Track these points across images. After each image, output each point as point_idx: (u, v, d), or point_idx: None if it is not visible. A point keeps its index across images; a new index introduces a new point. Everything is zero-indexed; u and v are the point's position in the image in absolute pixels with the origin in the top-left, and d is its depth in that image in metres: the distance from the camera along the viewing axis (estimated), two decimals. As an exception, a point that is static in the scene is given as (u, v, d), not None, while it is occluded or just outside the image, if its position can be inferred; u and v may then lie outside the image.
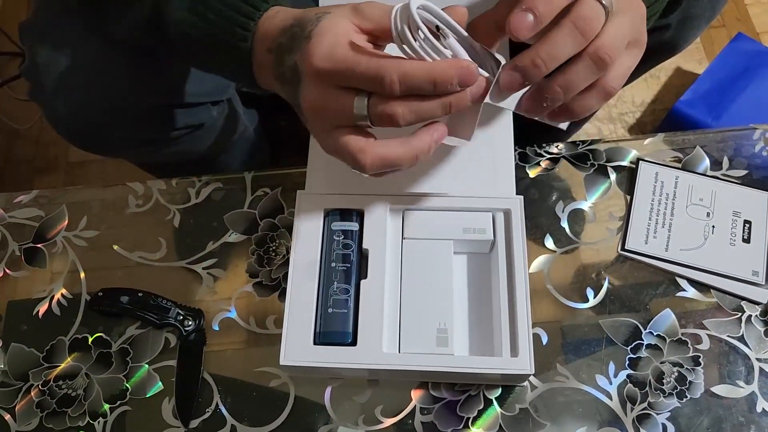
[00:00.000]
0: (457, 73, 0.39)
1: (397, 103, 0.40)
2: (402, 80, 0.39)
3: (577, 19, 0.41)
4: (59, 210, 0.65)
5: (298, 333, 0.53)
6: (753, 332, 0.57)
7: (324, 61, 0.40)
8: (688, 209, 0.62)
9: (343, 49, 0.40)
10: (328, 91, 0.42)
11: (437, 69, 0.39)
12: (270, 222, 0.63)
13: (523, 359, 0.51)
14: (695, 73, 1.25)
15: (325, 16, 0.42)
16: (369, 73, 0.39)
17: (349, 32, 0.42)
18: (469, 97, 0.41)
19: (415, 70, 0.39)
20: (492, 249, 0.58)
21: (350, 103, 0.41)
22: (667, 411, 0.54)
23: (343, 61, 0.40)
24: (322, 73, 0.41)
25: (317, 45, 0.41)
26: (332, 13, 0.43)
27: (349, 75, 0.40)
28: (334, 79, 0.41)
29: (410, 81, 0.39)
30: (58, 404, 0.56)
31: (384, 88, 0.39)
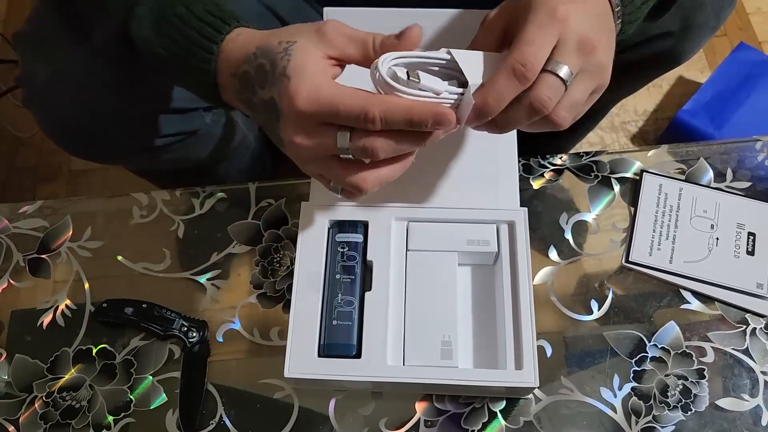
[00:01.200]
0: (432, 118, 0.42)
1: (377, 138, 0.43)
2: (383, 118, 0.42)
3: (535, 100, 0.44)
4: (63, 220, 0.65)
5: (303, 345, 0.53)
6: (758, 345, 0.57)
7: (308, 104, 0.42)
8: (692, 221, 0.62)
9: (326, 91, 0.42)
10: (312, 128, 0.44)
11: (415, 110, 0.42)
12: (274, 233, 0.63)
13: (527, 372, 0.51)
14: (697, 83, 1.25)
15: (292, 48, 0.43)
16: (353, 112, 0.42)
17: (324, 67, 0.44)
18: (442, 134, 0.44)
19: (396, 108, 0.42)
20: (496, 261, 0.58)
21: (333, 137, 0.43)
22: (672, 424, 0.54)
23: (328, 103, 0.42)
24: (306, 114, 0.43)
25: (299, 87, 0.42)
26: (298, 43, 0.44)
27: (333, 114, 0.42)
28: (318, 118, 0.43)
29: (390, 118, 0.42)
30: (62, 416, 0.56)
31: (366, 124, 0.42)
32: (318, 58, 0.43)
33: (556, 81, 0.44)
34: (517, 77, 0.43)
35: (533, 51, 0.43)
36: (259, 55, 0.44)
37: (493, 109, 0.44)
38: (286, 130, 0.44)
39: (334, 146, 0.43)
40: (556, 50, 0.44)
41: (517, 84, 0.43)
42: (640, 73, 0.79)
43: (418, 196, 0.59)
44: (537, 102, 0.44)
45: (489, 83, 0.44)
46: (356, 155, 0.44)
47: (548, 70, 0.44)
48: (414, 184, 0.59)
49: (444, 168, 0.60)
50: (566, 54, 0.44)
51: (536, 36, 0.43)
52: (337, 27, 0.44)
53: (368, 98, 0.42)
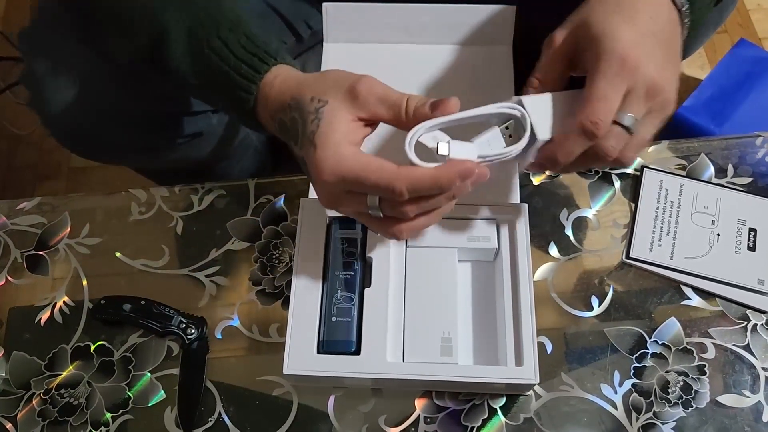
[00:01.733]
0: (458, 175, 0.41)
1: (407, 205, 0.43)
2: (410, 190, 0.41)
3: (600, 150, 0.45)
4: (62, 217, 0.65)
5: (302, 342, 0.52)
6: (759, 341, 0.57)
7: (332, 177, 0.42)
8: (693, 217, 0.62)
9: (350, 164, 0.42)
10: (339, 194, 0.44)
11: (442, 177, 0.41)
12: (273, 229, 0.63)
13: (527, 368, 0.51)
14: (698, 79, 1.25)
15: (323, 110, 0.43)
16: (379, 185, 0.41)
17: (351, 133, 0.43)
18: (470, 187, 0.43)
19: (422, 180, 0.41)
20: (496, 257, 0.58)
21: (362, 201, 0.44)
22: (673, 420, 0.54)
23: (353, 177, 0.42)
24: (331, 184, 0.43)
25: (323, 160, 0.42)
26: (329, 105, 0.43)
27: (358, 185, 0.42)
28: (345, 187, 0.43)
29: (418, 188, 0.41)
30: (60, 413, 0.56)
31: (394, 197, 0.42)
32: (346, 122, 0.43)
33: (622, 131, 0.45)
34: (588, 135, 0.44)
35: (604, 108, 0.43)
36: (293, 108, 0.44)
37: (561, 164, 0.45)
38: (315, 189, 0.46)
39: (365, 207, 0.44)
40: (624, 100, 0.44)
41: (587, 141, 0.44)
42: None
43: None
44: (602, 152, 0.45)
45: (560, 141, 0.45)
46: (387, 214, 0.44)
47: (615, 121, 0.44)
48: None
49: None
50: (634, 104, 0.44)
51: (607, 91, 0.43)
52: (371, 87, 0.43)
53: (393, 173, 0.41)
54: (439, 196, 0.43)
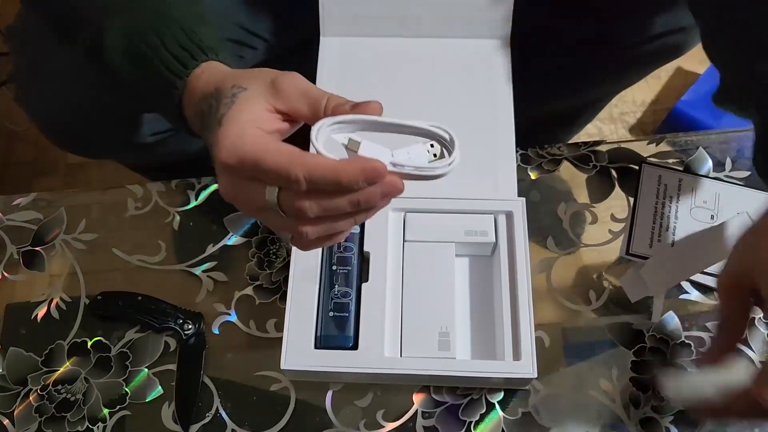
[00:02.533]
0: (362, 174, 0.37)
1: (306, 199, 0.39)
2: (308, 178, 0.38)
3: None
4: (58, 213, 0.65)
5: (299, 337, 0.52)
6: (757, 335, 0.57)
7: (229, 156, 0.39)
8: (693, 212, 0.62)
9: (249, 145, 0.39)
10: (238, 182, 0.41)
11: (343, 170, 0.38)
12: (270, 225, 0.63)
13: (525, 363, 0.51)
14: (696, 73, 1.25)
15: (241, 94, 0.41)
16: (275, 170, 0.38)
17: (261, 119, 0.41)
18: (379, 195, 0.39)
19: (321, 168, 0.38)
20: (494, 252, 0.57)
21: (261, 193, 0.40)
22: (671, 414, 0.54)
23: (250, 158, 0.39)
24: (228, 166, 0.40)
25: (223, 137, 0.40)
26: (248, 90, 0.41)
27: (256, 170, 0.39)
28: (241, 172, 0.40)
29: (316, 179, 0.38)
30: (57, 409, 0.56)
31: (290, 184, 0.38)
32: (259, 108, 0.41)
33: None
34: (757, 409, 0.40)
35: None
36: (214, 95, 0.42)
37: None
38: (218, 180, 0.42)
39: (265, 202, 0.40)
40: None
41: None
42: (645, 66, 0.79)
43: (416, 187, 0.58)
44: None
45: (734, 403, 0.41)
46: (287, 213, 0.40)
47: None
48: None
49: (441, 158, 0.59)
50: None
51: None
52: (294, 81, 0.41)
53: (292, 157, 0.38)
54: (341, 198, 0.39)
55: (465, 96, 0.61)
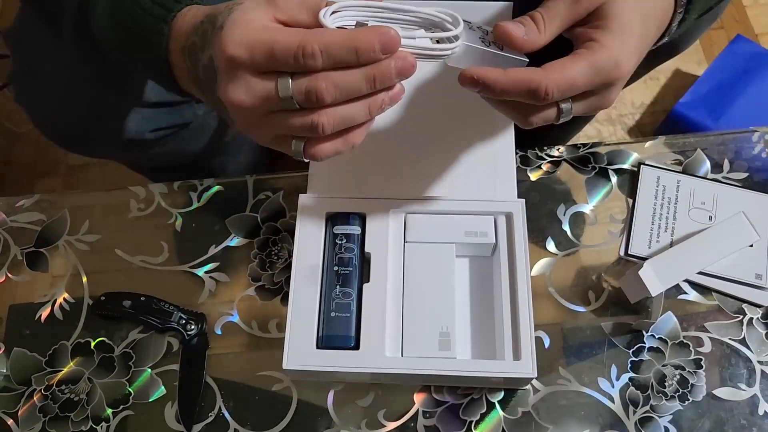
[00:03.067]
0: (378, 39, 0.37)
1: (321, 77, 0.38)
2: (324, 50, 0.37)
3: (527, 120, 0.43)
4: (61, 214, 0.65)
5: (301, 337, 0.53)
6: (755, 335, 0.57)
7: (238, 48, 0.38)
8: (691, 213, 0.62)
9: (258, 33, 0.38)
10: (248, 79, 0.39)
11: (359, 36, 0.37)
12: (272, 225, 0.63)
13: (525, 362, 0.52)
14: (694, 75, 1.25)
15: (238, 7, 0.40)
16: (289, 48, 0.37)
17: (263, 19, 0.40)
18: (393, 70, 0.39)
19: (337, 38, 0.37)
20: (494, 252, 0.58)
21: (272, 87, 0.39)
22: (670, 414, 0.54)
23: (261, 44, 0.38)
24: (237, 61, 0.38)
25: (229, 34, 0.38)
26: (245, 4, 0.40)
27: (268, 56, 0.38)
28: (252, 65, 0.39)
29: (332, 50, 0.37)
30: (61, 409, 0.56)
31: (306, 60, 0.37)
32: (261, 15, 0.40)
33: (553, 114, 0.43)
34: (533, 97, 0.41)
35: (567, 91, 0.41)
36: (206, 22, 0.41)
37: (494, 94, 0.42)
38: (223, 88, 0.40)
39: (277, 97, 0.39)
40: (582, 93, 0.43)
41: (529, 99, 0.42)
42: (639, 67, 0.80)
43: (416, 188, 0.59)
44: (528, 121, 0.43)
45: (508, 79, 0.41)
46: (302, 103, 0.39)
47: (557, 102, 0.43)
48: (412, 176, 0.59)
49: (441, 160, 0.60)
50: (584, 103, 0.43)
51: (582, 81, 0.41)
52: None
53: (306, 32, 0.37)
54: (357, 74, 0.38)
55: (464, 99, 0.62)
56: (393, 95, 0.41)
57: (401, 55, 0.39)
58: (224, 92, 0.40)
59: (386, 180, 0.59)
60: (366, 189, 0.58)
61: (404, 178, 0.59)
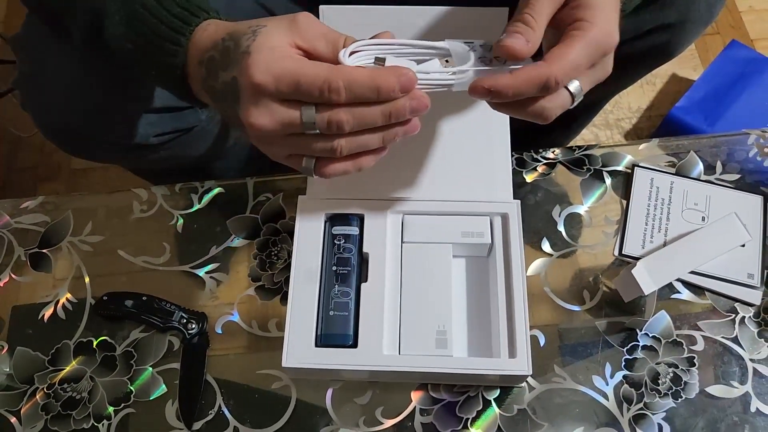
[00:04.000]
0: (398, 81, 0.41)
1: (343, 110, 0.41)
2: (347, 87, 0.40)
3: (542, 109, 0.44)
4: (65, 216, 0.66)
5: (300, 335, 0.54)
6: (746, 333, 0.58)
7: (264, 76, 0.40)
8: (684, 214, 0.63)
9: (287, 64, 0.41)
10: (271, 105, 0.42)
11: (381, 75, 0.41)
12: (272, 227, 0.64)
13: (520, 360, 0.52)
14: (690, 80, 1.26)
15: (261, 30, 0.42)
16: (315, 82, 0.40)
17: (285, 46, 0.42)
18: (408, 108, 0.42)
19: (359, 77, 0.40)
20: (490, 252, 0.59)
21: (296, 114, 0.42)
22: (663, 411, 0.55)
23: (288, 75, 0.40)
24: (263, 88, 0.41)
25: (256, 60, 0.41)
26: (268, 27, 0.43)
27: (294, 87, 0.41)
28: (276, 93, 0.41)
29: (355, 88, 0.40)
30: (63, 407, 0.57)
31: (331, 95, 0.40)
32: (285, 40, 0.42)
33: (567, 98, 0.45)
34: (544, 89, 0.42)
35: (572, 73, 0.43)
36: (227, 39, 0.43)
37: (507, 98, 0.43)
38: (245, 110, 0.42)
39: (299, 123, 0.42)
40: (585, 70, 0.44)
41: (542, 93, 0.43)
42: (634, 68, 0.81)
43: (413, 190, 0.60)
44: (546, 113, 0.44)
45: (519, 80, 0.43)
46: (323, 130, 0.42)
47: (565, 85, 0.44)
48: (409, 177, 0.60)
49: (438, 162, 0.61)
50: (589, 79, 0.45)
51: (583, 60, 0.43)
52: (310, 21, 0.44)
53: (331, 68, 0.41)
54: (375, 109, 0.42)
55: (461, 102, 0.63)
56: (407, 129, 0.45)
57: (417, 95, 0.42)
58: (247, 115, 0.42)
59: (384, 182, 0.60)
60: (364, 191, 0.59)
61: (402, 180, 0.60)
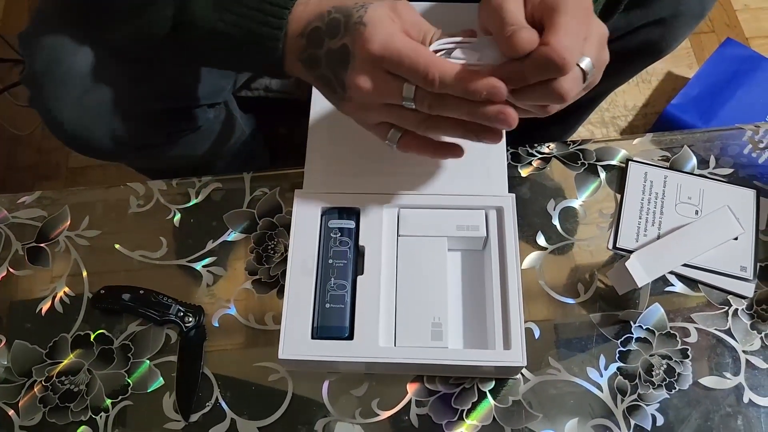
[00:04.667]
0: (487, 91, 0.44)
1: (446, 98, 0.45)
2: (441, 80, 0.44)
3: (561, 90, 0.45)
4: (62, 210, 0.67)
5: (297, 328, 0.54)
6: (739, 325, 0.59)
7: (381, 49, 0.45)
8: (677, 207, 0.64)
9: (398, 41, 0.45)
10: (380, 74, 0.46)
11: (472, 81, 0.44)
12: (268, 221, 0.65)
13: (515, 351, 0.53)
14: (685, 78, 1.27)
15: (369, 6, 0.46)
16: (415, 67, 0.44)
17: (396, 26, 0.46)
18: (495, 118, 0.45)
19: (454, 75, 0.44)
20: (485, 246, 0.59)
21: (399, 86, 0.46)
22: (657, 402, 0.56)
23: (397, 51, 0.45)
24: (377, 58, 0.45)
25: (374, 32, 0.45)
26: (375, 5, 0.47)
27: (397, 64, 0.45)
28: (387, 65, 0.45)
29: (447, 82, 0.44)
30: (61, 399, 0.58)
31: (426, 82, 0.44)
32: (391, 18, 0.46)
33: (580, 74, 0.45)
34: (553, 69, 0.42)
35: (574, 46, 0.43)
36: (334, 12, 0.47)
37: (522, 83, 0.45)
38: (355, 74, 0.47)
39: (398, 95, 0.46)
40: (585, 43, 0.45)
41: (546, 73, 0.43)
42: (628, 65, 0.81)
43: (409, 183, 0.60)
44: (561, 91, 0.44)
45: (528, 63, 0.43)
46: (419, 107, 0.47)
47: None
48: (404, 171, 0.61)
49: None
50: (592, 48, 0.45)
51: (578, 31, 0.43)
52: (408, 7, 0.48)
53: (432, 58, 0.44)
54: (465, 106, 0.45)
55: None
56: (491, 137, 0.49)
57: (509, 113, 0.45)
58: (356, 78, 0.47)
59: (380, 175, 0.60)
60: (360, 184, 0.60)
61: (397, 174, 0.60)
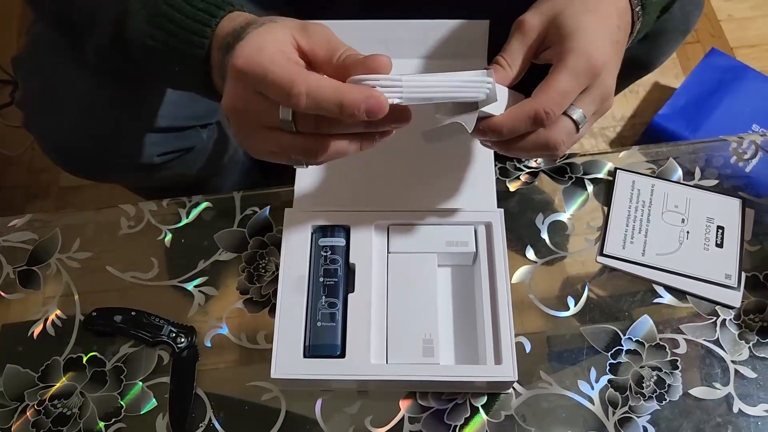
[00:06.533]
0: (365, 104, 0.39)
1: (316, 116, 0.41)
2: (309, 95, 0.39)
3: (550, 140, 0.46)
4: (53, 233, 0.67)
5: (289, 347, 0.54)
6: (727, 335, 0.59)
7: (244, 63, 0.40)
8: (664, 216, 0.65)
9: (265, 55, 0.40)
10: (247, 93, 0.42)
11: (346, 93, 0.39)
12: (259, 240, 0.65)
13: (506, 366, 0.53)
14: (672, 88, 1.29)
15: (269, 23, 0.43)
16: (279, 83, 0.39)
17: (283, 42, 0.42)
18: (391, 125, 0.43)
19: (324, 88, 0.39)
20: (475, 261, 0.60)
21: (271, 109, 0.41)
22: (648, 414, 0.56)
23: (259, 66, 0.40)
24: (240, 74, 0.41)
25: (244, 46, 0.41)
26: (278, 22, 0.43)
27: (261, 80, 0.40)
28: (252, 81, 0.41)
29: (319, 98, 0.39)
30: (54, 423, 0.57)
31: (290, 99, 0.39)
32: (284, 35, 0.42)
33: (571, 125, 0.46)
34: (537, 122, 0.44)
35: (561, 101, 0.45)
36: (243, 27, 0.44)
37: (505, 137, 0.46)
38: (225, 92, 0.43)
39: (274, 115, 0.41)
40: (578, 97, 0.46)
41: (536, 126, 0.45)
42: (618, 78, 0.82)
43: (398, 201, 0.61)
44: (551, 142, 0.46)
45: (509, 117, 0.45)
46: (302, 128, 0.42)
47: (566, 113, 0.46)
48: (393, 188, 0.61)
49: (423, 173, 0.62)
50: (588, 102, 0.46)
51: (569, 86, 0.45)
52: (322, 28, 0.44)
53: (299, 72, 0.39)
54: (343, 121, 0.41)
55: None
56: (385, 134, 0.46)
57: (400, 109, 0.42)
58: (225, 96, 0.43)
59: (369, 193, 0.61)
60: (350, 202, 0.60)
61: (386, 191, 0.61)
